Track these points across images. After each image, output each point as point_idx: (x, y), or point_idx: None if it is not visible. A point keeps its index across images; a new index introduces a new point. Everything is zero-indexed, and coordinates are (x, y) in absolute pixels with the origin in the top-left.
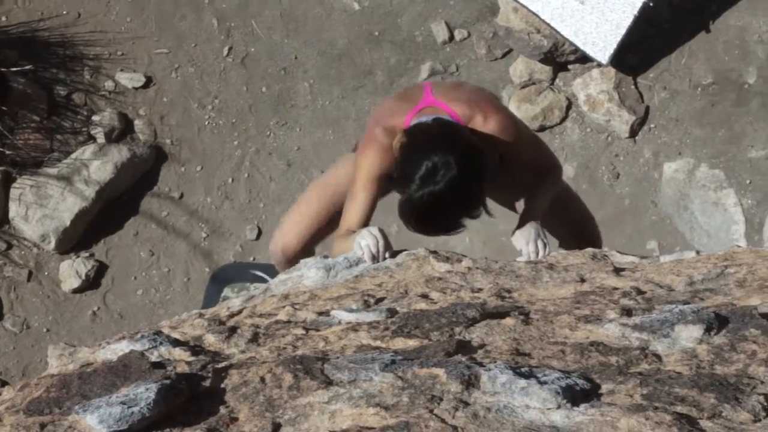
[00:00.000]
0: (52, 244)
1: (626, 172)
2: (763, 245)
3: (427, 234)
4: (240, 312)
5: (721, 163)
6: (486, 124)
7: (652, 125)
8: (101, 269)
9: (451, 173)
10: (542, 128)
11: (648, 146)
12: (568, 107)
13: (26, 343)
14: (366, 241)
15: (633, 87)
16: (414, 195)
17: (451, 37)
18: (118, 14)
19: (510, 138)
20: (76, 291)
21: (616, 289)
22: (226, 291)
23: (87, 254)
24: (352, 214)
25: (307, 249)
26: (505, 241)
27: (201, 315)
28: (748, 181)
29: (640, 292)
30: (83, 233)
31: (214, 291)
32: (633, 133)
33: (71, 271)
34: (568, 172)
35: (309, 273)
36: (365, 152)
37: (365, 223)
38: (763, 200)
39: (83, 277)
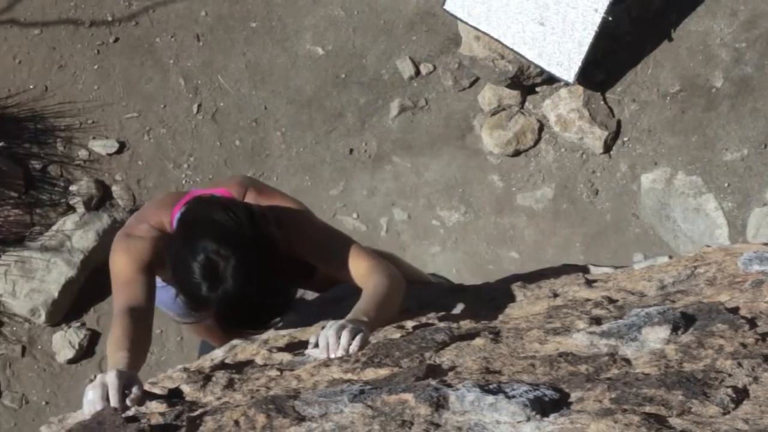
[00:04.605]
0: (43, 317)
1: (605, 188)
2: None
3: (249, 329)
4: (222, 361)
5: (698, 169)
6: (260, 196)
7: (626, 138)
8: (94, 337)
9: (232, 262)
10: (517, 153)
11: (623, 160)
12: (540, 129)
13: (27, 418)
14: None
15: (602, 102)
16: (210, 298)
17: (417, 72)
18: (84, 83)
19: (293, 204)
20: (71, 361)
21: (588, 300)
22: None
23: (78, 324)
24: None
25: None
26: (492, 268)
27: (185, 369)
28: (726, 184)
29: (611, 300)
30: (72, 303)
31: (208, 346)
32: (607, 148)
33: (64, 342)
34: (547, 194)
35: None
36: (117, 253)
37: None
38: (743, 202)
39: (77, 347)
